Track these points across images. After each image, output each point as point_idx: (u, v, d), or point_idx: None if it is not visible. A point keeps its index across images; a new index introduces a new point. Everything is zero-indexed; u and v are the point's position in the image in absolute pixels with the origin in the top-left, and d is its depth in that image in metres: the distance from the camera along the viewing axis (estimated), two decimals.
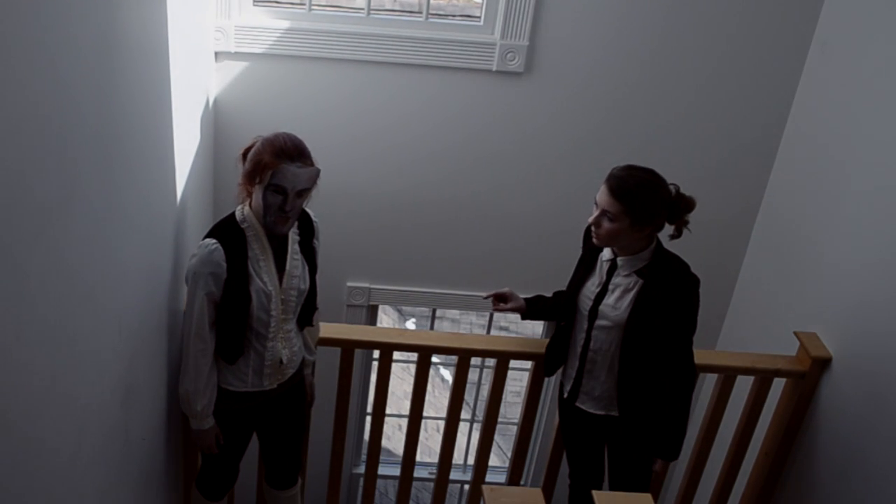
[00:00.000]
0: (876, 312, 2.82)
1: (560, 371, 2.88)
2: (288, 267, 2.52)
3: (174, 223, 2.63)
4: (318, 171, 2.39)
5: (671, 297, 2.52)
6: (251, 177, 2.37)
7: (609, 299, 2.60)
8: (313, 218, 2.62)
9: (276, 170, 2.31)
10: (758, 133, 3.60)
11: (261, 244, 2.45)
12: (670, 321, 2.54)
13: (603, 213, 2.47)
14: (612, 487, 2.83)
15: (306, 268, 2.58)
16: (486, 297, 2.89)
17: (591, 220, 2.51)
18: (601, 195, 2.48)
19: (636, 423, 2.69)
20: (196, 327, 2.44)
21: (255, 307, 2.45)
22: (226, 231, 2.43)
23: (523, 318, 2.90)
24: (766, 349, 3.26)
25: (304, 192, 2.37)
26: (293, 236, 2.54)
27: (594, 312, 2.63)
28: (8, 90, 1.23)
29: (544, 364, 2.90)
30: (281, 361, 2.58)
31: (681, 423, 2.66)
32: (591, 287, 2.65)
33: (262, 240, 2.45)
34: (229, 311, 2.45)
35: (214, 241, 2.40)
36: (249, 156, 2.39)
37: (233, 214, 2.48)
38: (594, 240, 2.55)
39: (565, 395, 2.82)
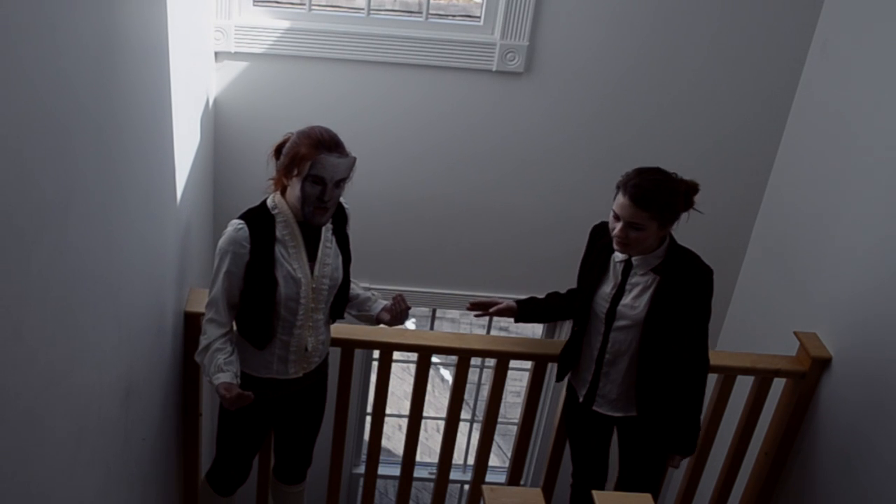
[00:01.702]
0: (876, 313, 2.82)
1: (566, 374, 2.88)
2: (320, 255, 2.54)
3: (174, 223, 2.63)
4: (354, 160, 2.42)
5: (689, 290, 2.54)
6: (288, 169, 2.40)
7: (626, 299, 2.60)
8: (345, 204, 2.64)
9: (314, 160, 2.35)
10: (758, 134, 3.60)
11: (291, 231, 2.48)
12: (689, 313, 2.56)
13: (629, 224, 2.45)
14: (623, 488, 2.83)
15: (340, 257, 2.60)
16: (469, 308, 2.89)
17: (616, 232, 2.48)
18: (624, 208, 2.44)
19: (655, 421, 2.69)
20: (212, 297, 2.49)
21: (282, 293, 2.47)
22: (255, 215, 2.48)
23: (517, 320, 2.88)
24: (766, 349, 3.26)
25: (341, 183, 2.41)
26: (327, 225, 2.56)
27: (612, 314, 2.62)
28: (8, 90, 1.23)
29: (558, 369, 2.89)
30: (306, 349, 2.60)
31: (697, 416, 2.68)
32: (606, 289, 2.64)
33: (292, 226, 2.48)
34: (255, 295, 2.48)
35: (242, 221, 2.46)
36: (285, 149, 2.42)
37: (264, 202, 2.51)
38: (618, 248, 2.53)
39: (581, 400, 2.80)
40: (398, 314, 2.69)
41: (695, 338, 2.59)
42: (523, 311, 2.84)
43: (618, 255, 2.61)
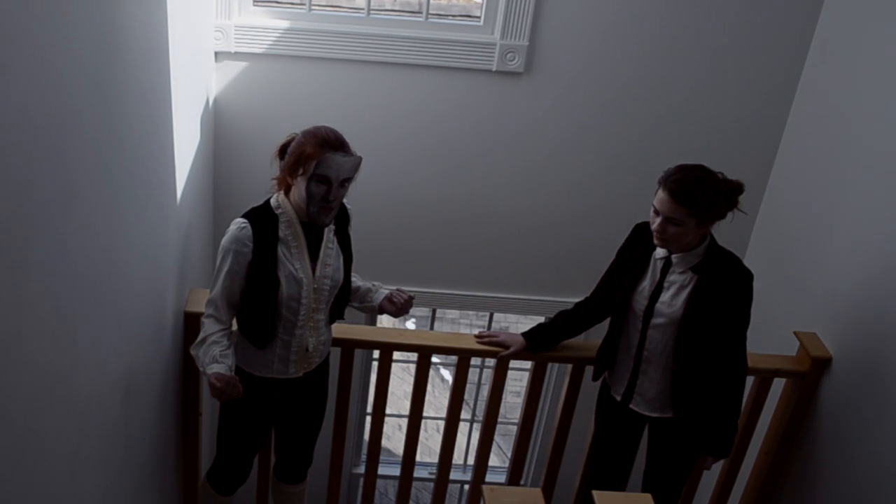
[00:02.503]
0: (876, 312, 2.82)
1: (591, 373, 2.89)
2: (322, 255, 2.54)
3: (174, 223, 2.63)
4: (360, 160, 2.43)
5: (727, 291, 2.54)
6: (294, 169, 2.40)
7: (664, 297, 2.60)
8: (347, 205, 2.65)
9: (320, 160, 2.35)
10: (757, 133, 3.60)
11: (293, 231, 2.48)
12: (725, 316, 2.56)
13: (668, 219, 2.46)
14: (649, 488, 2.83)
15: (341, 258, 2.60)
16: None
17: (655, 227, 2.50)
18: (663, 203, 2.46)
19: (690, 423, 2.69)
20: (213, 295, 2.49)
21: (284, 293, 2.48)
22: (258, 214, 2.48)
23: (533, 352, 2.90)
24: (766, 349, 3.26)
25: (346, 182, 2.41)
26: (329, 225, 2.56)
27: (649, 311, 2.63)
28: (7, 90, 1.23)
29: (595, 368, 2.89)
30: (307, 349, 2.60)
31: (734, 420, 2.69)
32: (645, 286, 2.64)
33: (295, 226, 2.48)
34: (258, 294, 2.48)
35: (245, 220, 2.46)
36: (290, 149, 2.42)
37: (267, 201, 2.51)
38: (657, 243, 2.55)
39: (619, 399, 2.80)
40: (402, 304, 2.69)
41: (732, 341, 2.60)
42: (534, 343, 2.87)
43: (658, 252, 2.62)
